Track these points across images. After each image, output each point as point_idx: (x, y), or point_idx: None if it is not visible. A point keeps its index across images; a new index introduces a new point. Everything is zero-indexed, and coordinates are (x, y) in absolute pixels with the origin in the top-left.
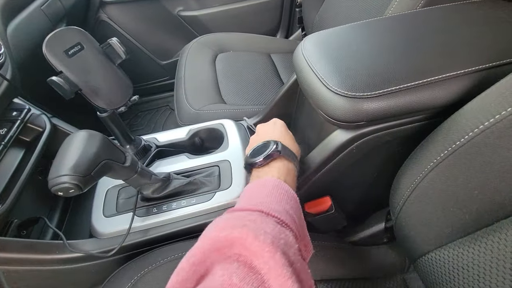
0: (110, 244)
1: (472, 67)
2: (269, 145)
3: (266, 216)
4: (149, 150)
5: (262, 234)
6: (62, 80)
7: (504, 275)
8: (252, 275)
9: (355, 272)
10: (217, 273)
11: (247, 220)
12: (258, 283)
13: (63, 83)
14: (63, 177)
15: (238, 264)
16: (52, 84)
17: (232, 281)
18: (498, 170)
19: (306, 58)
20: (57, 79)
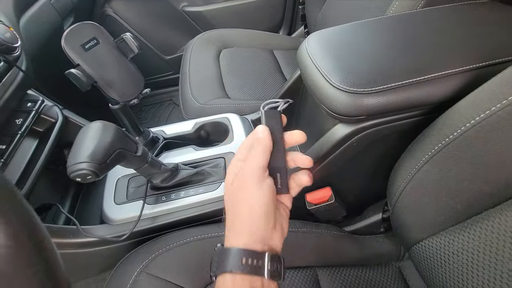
0: (121, 230)
1: (466, 66)
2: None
3: None
4: (157, 142)
5: None
6: (80, 73)
7: (490, 259)
8: None
9: (353, 260)
10: None
11: None
12: None
13: (81, 76)
14: (81, 164)
15: None
16: (70, 76)
17: None
18: (487, 162)
19: (310, 56)
20: (76, 72)
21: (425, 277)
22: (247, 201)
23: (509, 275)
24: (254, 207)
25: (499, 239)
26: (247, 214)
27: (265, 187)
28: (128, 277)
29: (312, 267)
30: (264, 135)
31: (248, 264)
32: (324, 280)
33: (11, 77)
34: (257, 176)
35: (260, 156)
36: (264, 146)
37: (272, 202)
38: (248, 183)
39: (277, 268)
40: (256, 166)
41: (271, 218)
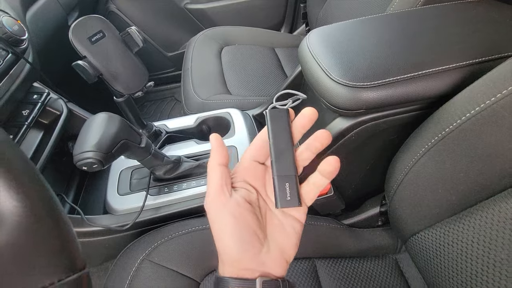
0: (124, 220)
1: (463, 61)
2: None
3: None
4: (159, 135)
5: None
6: (87, 64)
7: (483, 249)
8: None
9: (351, 252)
10: None
11: None
12: None
13: (87, 67)
14: (87, 153)
15: None
16: (77, 68)
17: None
18: (481, 154)
19: (311, 51)
20: (82, 63)
21: (421, 268)
22: (215, 235)
23: (501, 263)
24: (223, 240)
25: (492, 230)
26: (221, 247)
27: (227, 214)
28: (131, 264)
29: (310, 258)
30: (212, 151)
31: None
32: (322, 271)
33: (18, 69)
34: (214, 206)
35: (211, 179)
36: (210, 167)
37: (246, 224)
38: (210, 215)
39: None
40: (210, 194)
41: (254, 243)
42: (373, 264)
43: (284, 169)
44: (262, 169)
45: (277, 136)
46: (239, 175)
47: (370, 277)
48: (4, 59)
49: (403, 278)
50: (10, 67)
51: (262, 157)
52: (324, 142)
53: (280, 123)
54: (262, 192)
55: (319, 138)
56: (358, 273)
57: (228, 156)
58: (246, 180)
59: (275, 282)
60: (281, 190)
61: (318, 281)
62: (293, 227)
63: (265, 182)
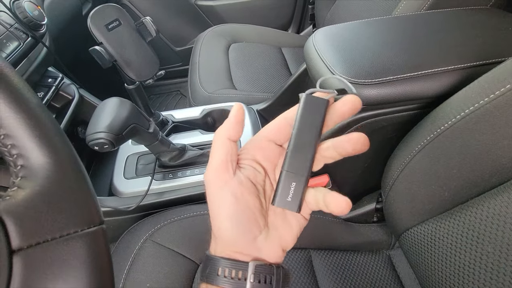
0: (129, 203)
1: (461, 64)
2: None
3: None
4: (166, 124)
5: None
6: (103, 50)
7: (472, 243)
8: None
9: (345, 245)
10: None
11: None
12: None
13: (104, 53)
14: (100, 133)
15: None
16: (93, 53)
17: None
18: (474, 152)
19: (316, 48)
20: (99, 48)
21: (413, 262)
22: (212, 214)
23: (488, 256)
24: (219, 221)
25: (481, 225)
26: (216, 227)
27: (227, 193)
28: (135, 243)
29: (306, 249)
30: (230, 117)
31: (226, 276)
32: (317, 261)
33: (36, 52)
34: (214, 181)
35: (215, 151)
36: (222, 131)
37: (245, 208)
38: (209, 191)
39: (268, 281)
40: (211, 167)
41: (252, 228)
42: (366, 258)
43: (297, 166)
44: (277, 150)
45: (304, 127)
46: (248, 152)
47: (363, 270)
48: (24, 42)
49: (395, 273)
50: (29, 50)
51: (281, 139)
52: (358, 148)
53: (313, 114)
54: (271, 174)
55: (353, 141)
56: (351, 266)
57: (241, 135)
58: (256, 158)
59: (269, 268)
60: (284, 188)
61: (312, 271)
62: (297, 219)
63: (277, 164)
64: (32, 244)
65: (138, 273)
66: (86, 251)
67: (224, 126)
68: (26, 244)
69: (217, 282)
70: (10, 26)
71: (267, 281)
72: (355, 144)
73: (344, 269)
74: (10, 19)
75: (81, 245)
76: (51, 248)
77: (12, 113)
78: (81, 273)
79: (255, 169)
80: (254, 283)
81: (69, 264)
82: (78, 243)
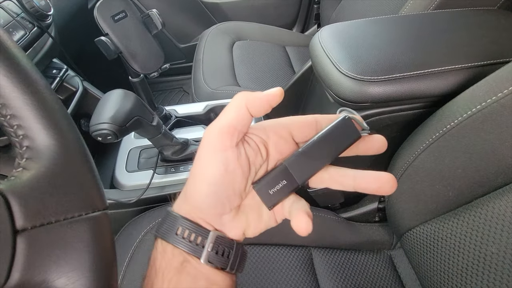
0: (130, 196)
1: (468, 63)
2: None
3: None
4: (169, 118)
5: None
6: (109, 41)
7: (475, 243)
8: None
9: (346, 244)
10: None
11: None
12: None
13: (110, 44)
14: (103, 124)
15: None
16: (99, 43)
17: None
18: (480, 151)
19: (322, 45)
20: (105, 39)
21: (414, 263)
22: (197, 172)
23: (491, 257)
24: (200, 183)
25: (485, 225)
26: (194, 187)
27: (221, 160)
28: (135, 236)
29: (307, 247)
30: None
31: (184, 237)
32: (317, 260)
33: (41, 43)
34: (214, 141)
35: (230, 112)
36: (243, 98)
37: (228, 184)
38: (204, 149)
39: (226, 254)
40: (218, 126)
41: (225, 205)
42: (367, 257)
43: (298, 170)
44: (291, 145)
45: (326, 141)
46: (262, 132)
47: (364, 270)
48: (30, 32)
49: (396, 273)
50: (34, 40)
51: (301, 136)
52: (382, 189)
53: (341, 136)
54: (271, 163)
55: (380, 182)
56: (352, 265)
57: (260, 115)
58: (266, 142)
59: (230, 242)
60: (273, 181)
61: (313, 269)
62: (269, 217)
63: (282, 158)
64: (36, 225)
65: (138, 265)
66: (90, 234)
67: (252, 94)
68: (30, 225)
69: (174, 241)
70: (16, 15)
71: (224, 254)
72: (379, 184)
73: (344, 268)
74: (17, 8)
75: (85, 229)
76: (55, 230)
77: (20, 93)
78: (84, 256)
79: (259, 150)
80: (211, 252)
81: (72, 247)
82: (82, 227)
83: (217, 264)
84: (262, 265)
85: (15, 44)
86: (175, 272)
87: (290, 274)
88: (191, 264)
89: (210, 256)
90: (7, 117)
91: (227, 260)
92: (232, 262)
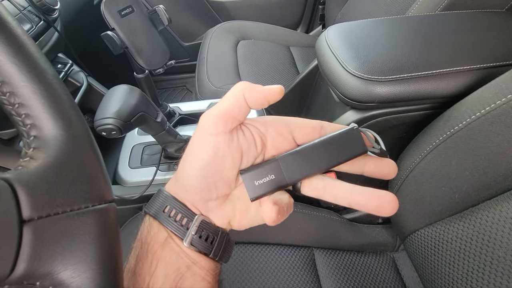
0: (133, 192)
1: (476, 64)
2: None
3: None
4: (173, 116)
5: None
6: (115, 35)
7: (481, 247)
8: None
9: (349, 245)
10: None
11: None
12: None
13: (116, 38)
14: (108, 119)
15: None
16: (105, 38)
17: None
18: (488, 153)
19: (329, 44)
20: (111, 34)
21: (418, 265)
22: (189, 155)
23: (498, 261)
24: (191, 166)
25: (492, 229)
26: (185, 170)
27: (212, 144)
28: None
29: (309, 247)
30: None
31: (171, 216)
32: (320, 260)
33: (47, 37)
34: (208, 125)
35: (227, 99)
36: (241, 87)
37: (217, 169)
38: (198, 132)
39: (209, 240)
40: (215, 111)
41: (211, 191)
42: (370, 259)
43: (290, 169)
44: (290, 144)
45: (328, 148)
46: (263, 126)
47: (367, 271)
48: (36, 25)
49: (399, 276)
50: (40, 34)
51: (302, 138)
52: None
53: (345, 146)
54: (266, 157)
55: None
56: (355, 266)
57: (257, 107)
58: (264, 136)
59: (215, 228)
60: (261, 172)
61: (315, 269)
62: (256, 214)
63: (278, 154)
64: (42, 216)
65: None
66: (96, 227)
67: (251, 85)
68: (36, 215)
69: (161, 218)
70: (23, 9)
71: (208, 239)
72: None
73: (347, 269)
74: (24, 1)
75: (91, 221)
76: (62, 222)
77: (29, 82)
78: (90, 248)
79: (254, 142)
80: (195, 236)
81: (78, 238)
82: (89, 219)
83: (200, 248)
84: (264, 265)
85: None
86: (159, 246)
87: (292, 274)
88: (174, 242)
89: (193, 240)
90: (15, 105)
91: (210, 246)
92: (216, 249)
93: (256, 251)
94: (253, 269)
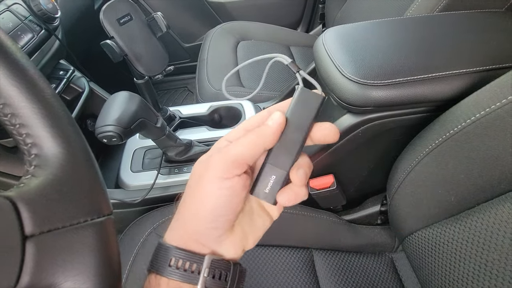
0: (135, 196)
1: (473, 67)
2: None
3: None
4: (173, 119)
5: None
6: (114, 44)
7: (477, 249)
8: None
9: (348, 246)
10: None
11: None
12: None
13: (115, 47)
14: (109, 126)
15: None
16: (104, 46)
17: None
18: (483, 157)
19: (326, 48)
20: (110, 42)
21: (416, 266)
22: (198, 197)
23: (493, 263)
24: (202, 207)
25: (487, 231)
26: (192, 212)
27: (227, 187)
28: (139, 236)
29: (308, 248)
30: (273, 126)
31: (178, 267)
32: (319, 261)
33: (48, 45)
34: (222, 169)
35: (245, 147)
36: (261, 137)
37: (231, 208)
38: (209, 175)
39: (223, 277)
40: (230, 156)
41: (225, 225)
42: (369, 260)
43: (280, 161)
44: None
45: (294, 123)
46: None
47: (365, 272)
48: (38, 34)
49: (397, 276)
50: (42, 42)
51: (270, 144)
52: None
53: (306, 110)
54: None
55: (324, 130)
56: (353, 267)
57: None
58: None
59: (226, 264)
60: (264, 180)
61: (314, 270)
62: (263, 221)
63: (258, 164)
64: (44, 231)
65: (142, 265)
66: (95, 239)
67: (272, 134)
68: (38, 231)
69: (167, 273)
70: (24, 18)
71: (221, 277)
72: (325, 132)
73: (346, 270)
74: (25, 11)
75: (90, 234)
76: (62, 236)
77: (28, 103)
78: (90, 260)
79: (248, 172)
80: (208, 277)
81: (78, 252)
82: (87, 232)
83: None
84: (263, 267)
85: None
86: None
87: (291, 275)
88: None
89: (207, 282)
90: (16, 126)
91: (224, 283)
92: (230, 284)
93: (255, 252)
94: (252, 270)
